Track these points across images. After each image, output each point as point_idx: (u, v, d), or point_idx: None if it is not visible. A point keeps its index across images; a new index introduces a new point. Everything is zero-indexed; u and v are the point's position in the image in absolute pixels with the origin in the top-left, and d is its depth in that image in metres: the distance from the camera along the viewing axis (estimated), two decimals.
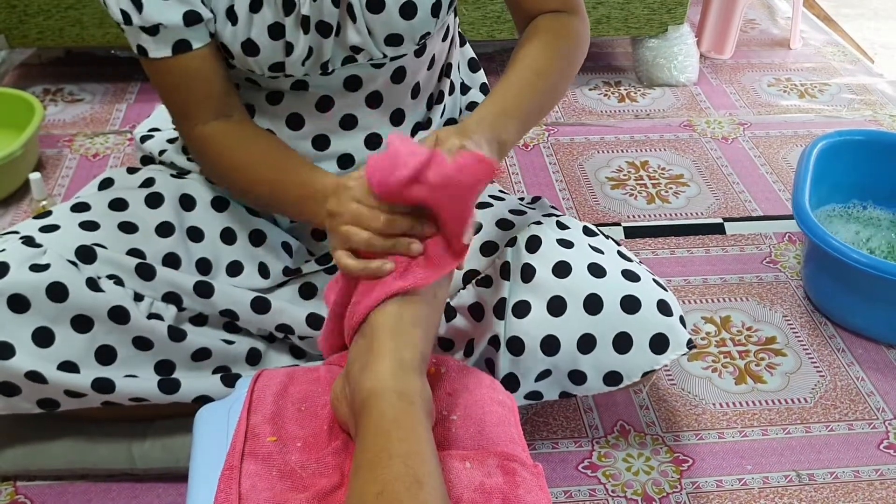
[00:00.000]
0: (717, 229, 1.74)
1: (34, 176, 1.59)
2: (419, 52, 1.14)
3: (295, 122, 1.16)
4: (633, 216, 1.78)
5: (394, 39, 1.08)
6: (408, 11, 1.06)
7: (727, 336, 1.49)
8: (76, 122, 2.01)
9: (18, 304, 1.03)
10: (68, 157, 1.88)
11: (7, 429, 1.20)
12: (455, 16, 1.27)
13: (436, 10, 1.08)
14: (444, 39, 1.21)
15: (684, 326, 1.12)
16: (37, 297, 1.04)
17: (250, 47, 1.05)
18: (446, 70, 1.26)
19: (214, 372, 1.16)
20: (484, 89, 1.36)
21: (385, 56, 1.10)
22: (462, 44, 1.35)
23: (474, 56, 1.37)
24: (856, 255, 1.37)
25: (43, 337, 1.05)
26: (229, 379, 1.15)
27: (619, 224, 1.74)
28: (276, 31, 1.04)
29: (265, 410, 0.93)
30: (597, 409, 1.34)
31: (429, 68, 1.20)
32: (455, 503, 0.82)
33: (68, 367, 1.06)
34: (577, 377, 1.12)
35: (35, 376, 1.04)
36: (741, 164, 1.95)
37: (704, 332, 1.50)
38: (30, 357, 1.04)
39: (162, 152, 1.25)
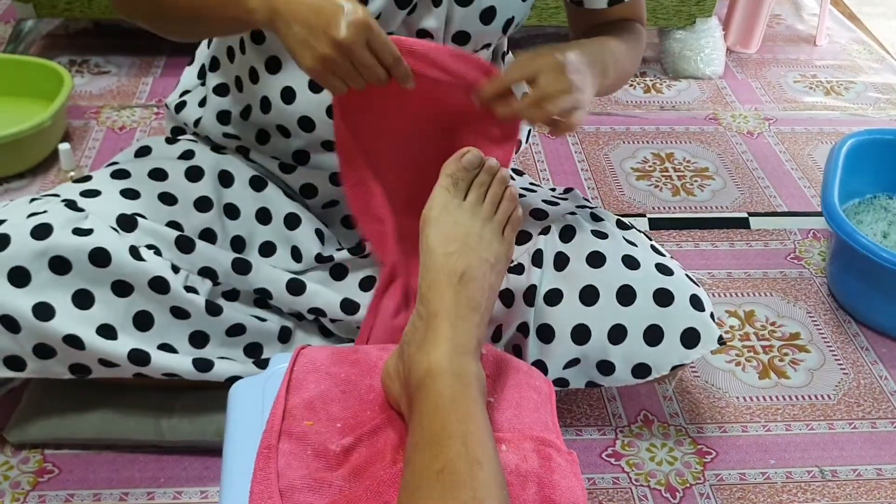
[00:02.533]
0: (742, 223, 1.74)
1: (63, 146, 1.60)
2: None
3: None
4: (658, 208, 1.77)
5: (461, 38, 1.09)
6: (487, 16, 1.08)
7: (751, 330, 1.49)
8: (103, 95, 2.01)
9: (60, 266, 1.04)
10: (95, 129, 1.88)
11: (37, 397, 1.21)
12: None
13: (507, 27, 1.11)
14: (486, 47, 1.21)
15: (715, 322, 1.12)
16: (79, 261, 1.04)
17: None
18: None
19: (246, 348, 1.17)
20: None
21: None
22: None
23: None
24: (885, 253, 1.37)
25: (83, 299, 1.05)
26: (262, 364, 1.15)
27: (644, 215, 1.74)
28: None
29: (304, 394, 0.94)
30: (620, 398, 1.35)
31: None
32: None
33: (106, 330, 1.06)
34: (606, 367, 1.13)
35: (73, 340, 1.05)
36: (766, 160, 1.94)
37: (728, 325, 1.50)
38: (69, 320, 1.04)
39: (197, 122, 1.25)
